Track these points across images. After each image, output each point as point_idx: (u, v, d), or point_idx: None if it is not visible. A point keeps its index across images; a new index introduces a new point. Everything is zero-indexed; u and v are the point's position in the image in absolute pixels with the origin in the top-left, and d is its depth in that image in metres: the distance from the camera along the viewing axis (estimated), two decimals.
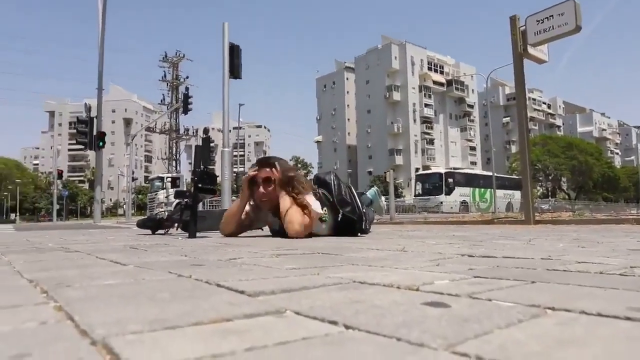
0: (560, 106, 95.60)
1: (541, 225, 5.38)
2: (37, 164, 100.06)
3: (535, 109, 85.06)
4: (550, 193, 57.22)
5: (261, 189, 3.32)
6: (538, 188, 54.53)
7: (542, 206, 28.47)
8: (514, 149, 72.91)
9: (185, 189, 22.91)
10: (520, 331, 0.59)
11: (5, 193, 70.13)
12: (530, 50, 6.24)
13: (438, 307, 0.74)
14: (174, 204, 20.04)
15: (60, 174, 33.86)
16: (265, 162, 3.44)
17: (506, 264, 1.39)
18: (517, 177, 33.53)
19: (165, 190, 22.45)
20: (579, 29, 5.68)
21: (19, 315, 0.72)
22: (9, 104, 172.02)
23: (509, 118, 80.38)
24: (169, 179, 23.51)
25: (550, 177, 55.82)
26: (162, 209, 20.56)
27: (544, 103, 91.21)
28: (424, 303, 0.78)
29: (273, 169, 3.33)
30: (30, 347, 0.53)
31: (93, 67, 16.80)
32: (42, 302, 0.83)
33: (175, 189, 21.84)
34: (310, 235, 3.30)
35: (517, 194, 30.05)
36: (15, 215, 60.49)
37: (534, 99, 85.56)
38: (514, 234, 3.37)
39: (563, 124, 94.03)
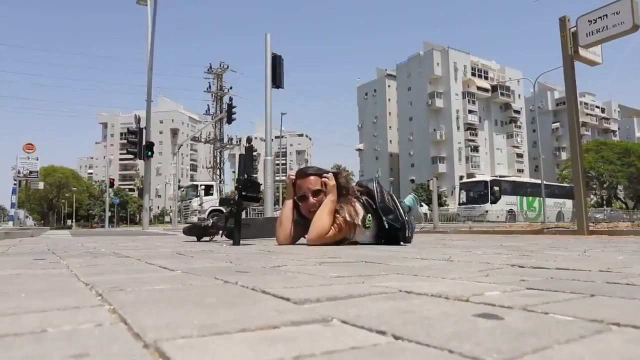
0: (615, 110, 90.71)
1: (596, 236, 5.10)
2: (92, 173, 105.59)
3: (587, 114, 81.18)
4: (605, 202, 54.22)
5: (311, 199, 3.30)
6: (591, 197, 51.86)
7: (596, 215, 27.06)
8: (564, 155, 69.93)
9: (217, 196, 23.10)
10: (583, 347, 0.56)
11: (63, 200, 74.46)
12: (582, 52, 5.98)
13: (490, 319, 0.71)
14: (207, 211, 20.30)
15: (112, 183, 35.58)
16: (309, 172, 3.40)
17: (561, 275, 1.32)
18: (568, 185, 32.01)
19: (199, 198, 22.45)
20: (637, 27, 5.38)
21: (77, 316, 0.75)
22: (67, 116, 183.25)
23: (558, 124, 77.21)
24: (203, 187, 23.07)
25: (605, 185, 52.97)
26: (196, 217, 20.76)
27: (597, 107, 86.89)
28: (475, 315, 0.74)
29: (324, 177, 3.29)
30: (87, 348, 0.56)
31: (143, 80, 17.57)
32: (97, 304, 0.87)
33: (210, 197, 22.13)
34: (354, 243, 3.28)
35: (569, 203, 28.68)
36: (72, 222, 64.05)
37: (586, 103, 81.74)
38: (566, 245, 3.21)
39: (619, 129, 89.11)
